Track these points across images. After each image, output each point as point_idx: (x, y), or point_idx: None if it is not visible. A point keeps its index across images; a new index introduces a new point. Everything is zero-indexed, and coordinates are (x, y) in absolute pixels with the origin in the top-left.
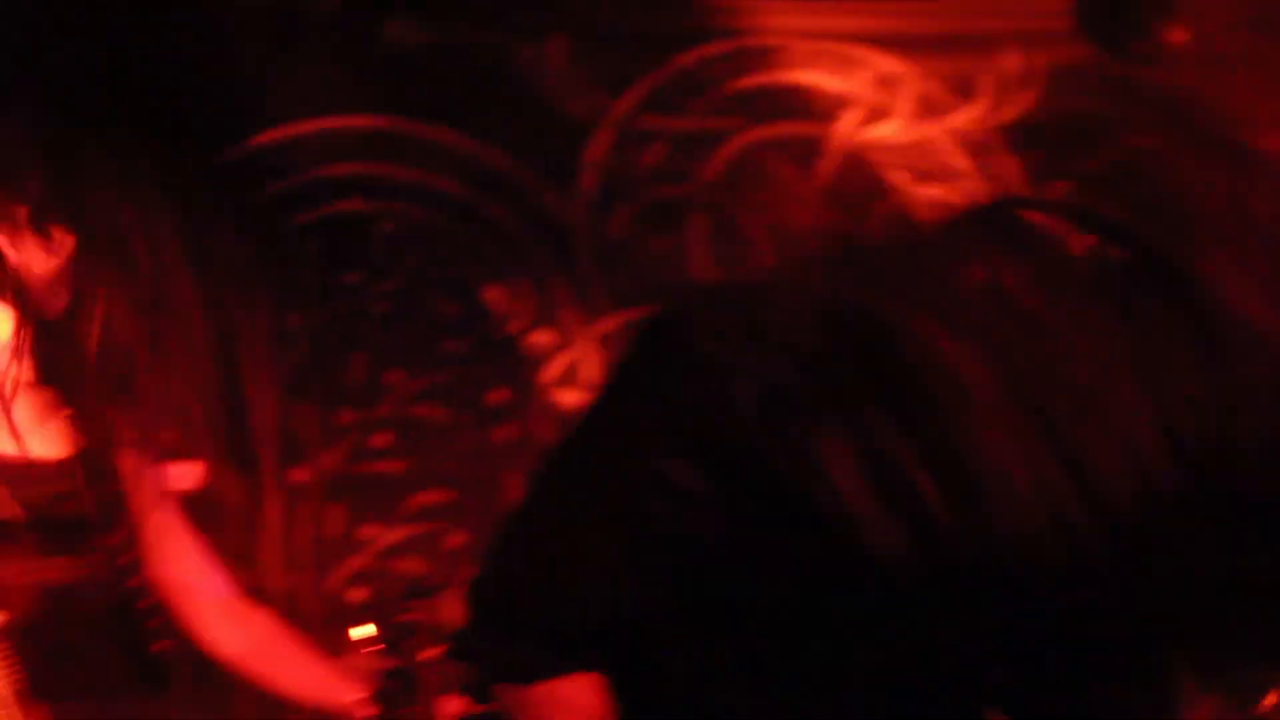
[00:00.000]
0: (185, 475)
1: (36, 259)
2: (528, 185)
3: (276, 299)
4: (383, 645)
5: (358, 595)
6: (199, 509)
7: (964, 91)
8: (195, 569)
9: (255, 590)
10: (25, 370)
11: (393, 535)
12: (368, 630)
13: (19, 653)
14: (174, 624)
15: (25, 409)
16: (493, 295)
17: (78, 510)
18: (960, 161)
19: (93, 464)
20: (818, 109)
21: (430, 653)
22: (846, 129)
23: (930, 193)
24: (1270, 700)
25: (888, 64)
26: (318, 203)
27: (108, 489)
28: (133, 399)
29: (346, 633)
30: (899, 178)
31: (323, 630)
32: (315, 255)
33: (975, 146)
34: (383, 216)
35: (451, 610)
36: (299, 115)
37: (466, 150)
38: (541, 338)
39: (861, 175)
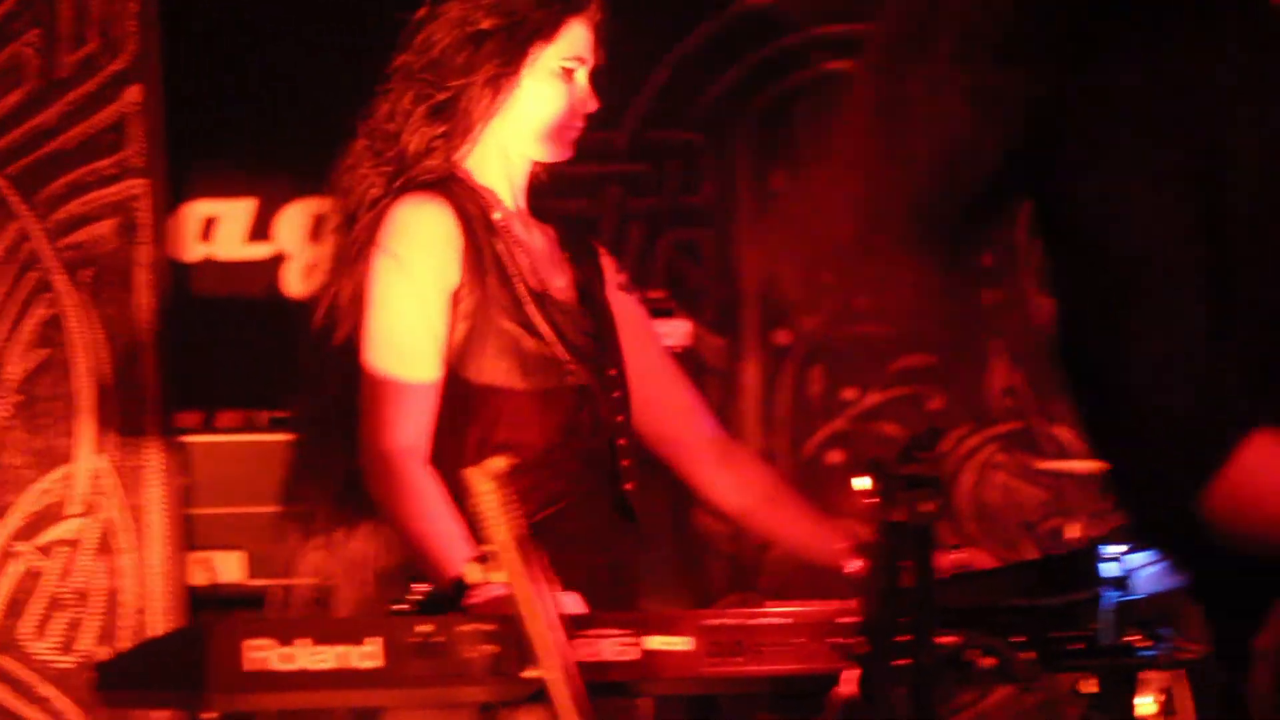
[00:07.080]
0: (674, 332)
1: None
2: None
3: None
4: (880, 497)
5: (835, 458)
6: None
7: None
8: (682, 420)
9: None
10: None
11: (872, 398)
12: (865, 482)
13: (518, 498)
14: (638, 467)
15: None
16: None
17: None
18: None
19: (593, 303)
20: None
21: (930, 505)
22: None
23: None
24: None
25: None
26: (808, 63)
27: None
28: None
29: (848, 481)
30: None
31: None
32: (805, 117)
33: None
34: None
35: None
36: None
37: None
38: None
39: None
